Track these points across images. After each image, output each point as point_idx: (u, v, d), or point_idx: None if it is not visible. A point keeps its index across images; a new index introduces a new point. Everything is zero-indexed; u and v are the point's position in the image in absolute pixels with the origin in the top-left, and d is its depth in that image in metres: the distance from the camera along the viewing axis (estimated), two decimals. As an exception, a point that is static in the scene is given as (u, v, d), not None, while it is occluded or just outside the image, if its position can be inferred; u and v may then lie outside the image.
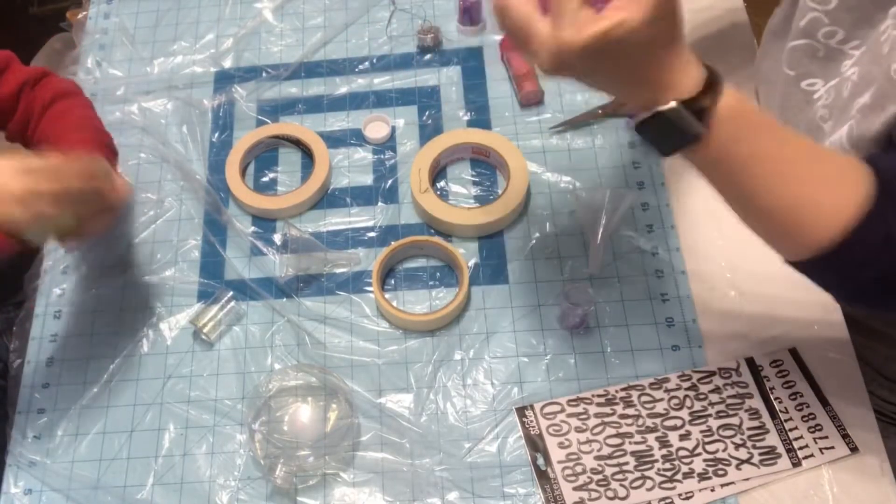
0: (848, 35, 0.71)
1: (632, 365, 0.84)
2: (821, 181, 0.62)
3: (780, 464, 0.78)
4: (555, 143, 0.98)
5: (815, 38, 0.74)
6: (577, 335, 0.86)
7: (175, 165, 0.99)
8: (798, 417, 0.80)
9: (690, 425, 0.81)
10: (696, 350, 0.85)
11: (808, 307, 0.86)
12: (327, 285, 0.91)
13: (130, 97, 1.04)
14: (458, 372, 0.85)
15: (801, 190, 0.62)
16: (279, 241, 0.93)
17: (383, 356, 0.86)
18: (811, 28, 0.73)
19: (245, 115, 1.03)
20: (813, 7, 0.72)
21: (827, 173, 0.62)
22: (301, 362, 0.86)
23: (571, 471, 0.79)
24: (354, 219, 0.95)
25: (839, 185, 0.62)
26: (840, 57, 0.73)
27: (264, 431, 0.81)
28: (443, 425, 0.82)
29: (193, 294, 0.91)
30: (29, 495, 0.81)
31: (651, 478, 0.78)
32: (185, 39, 1.09)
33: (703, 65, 0.59)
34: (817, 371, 0.83)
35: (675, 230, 0.91)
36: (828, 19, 0.71)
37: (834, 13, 0.71)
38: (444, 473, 0.80)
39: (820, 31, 0.73)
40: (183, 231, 0.95)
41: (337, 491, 0.80)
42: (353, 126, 1.01)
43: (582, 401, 0.82)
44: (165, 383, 0.86)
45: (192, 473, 0.81)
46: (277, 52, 1.07)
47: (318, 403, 0.83)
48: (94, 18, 1.12)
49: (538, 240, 0.92)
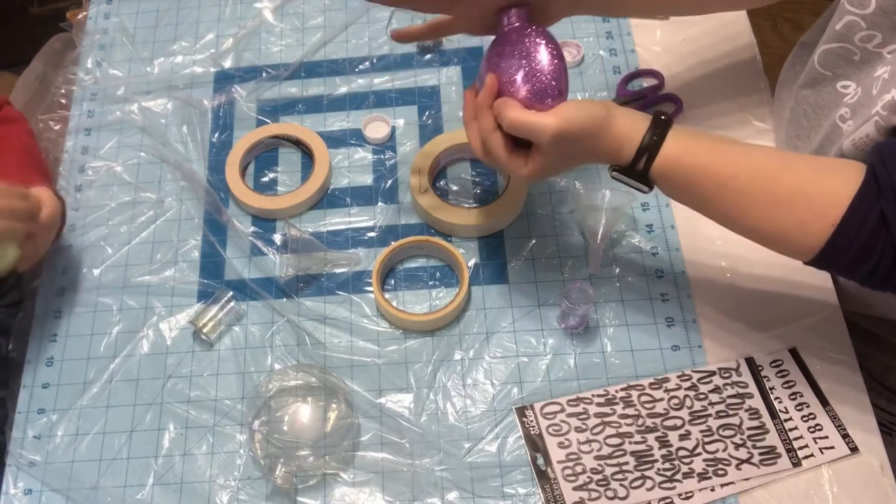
0: (886, 39, 0.71)
1: (632, 365, 0.84)
2: (787, 200, 0.66)
3: (780, 464, 0.78)
4: (555, 143, 0.98)
5: (852, 41, 0.74)
6: (577, 335, 0.86)
7: (175, 165, 0.99)
8: (798, 417, 0.80)
9: (690, 425, 0.81)
10: (696, 350, 0.85)
11: (808, 307, 0.86)
12: (327, 285, 0.91)
13: (130, 97, 1.04)
14: (458, 372, 0.85)
15: (767, 213, 0.67)
16: (279, 241, 0.93)
17: (383, 356, 0.86)
18: (847, 32, 0.74)
19: (245, 115, 1.03)
20: (850, 10, 0.72)
21: (795, 188, 0.66)
22: (301, 362, 0.86)
23: (571, 471, 0.79)
24: (354, 219, 0.95)
25: (816, 193, 0.65)
26: (877, 60, 0.73)
27: (264, 431, 0.81)
28: (443, 425, 0.82)
29: (193, 294, 0.91)
30: (29, 495, 0.81)
31: (651, 478, 0.78)
32: (185, 39, 1.09)
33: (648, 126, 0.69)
34: (817, 371, 0.83)
35: (675, 230, 0.91)
36: (865, 23, 0.71)
37: (871, 17, 0.71)
38: (444, 473, 0.80)
39: (857, 35, 0.73)
40: (183, 231, 0.95)
41: (337, 491, 0.80)
42: (353, 126, 1.01)
43: (582, 401, 0.82)
44: (165, 383, 0.86)
45: (192, 473, 0.81)
46: (277, 52, 1.07)
47: (318, 403, 0.83)
48: (94, 18, 1.12)
49: (538, 240, 0.91)
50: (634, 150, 0.69)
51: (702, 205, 0.72)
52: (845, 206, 0.64)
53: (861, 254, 0.64)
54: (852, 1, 0.72)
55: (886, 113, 0.68)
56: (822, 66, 0.79)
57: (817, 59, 0.79)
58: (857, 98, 0.75)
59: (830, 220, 0.64)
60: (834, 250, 0.65)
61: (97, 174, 0.99)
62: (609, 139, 0.69)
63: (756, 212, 0.68)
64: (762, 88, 1.00)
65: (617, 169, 0.72)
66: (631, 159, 0.70)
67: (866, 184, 0.64)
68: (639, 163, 0.69)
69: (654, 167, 0.69)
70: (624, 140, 0.69)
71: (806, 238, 0.66)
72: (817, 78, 0.80)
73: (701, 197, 0.70)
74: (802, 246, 0.67)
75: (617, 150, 0.70)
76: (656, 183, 0.71)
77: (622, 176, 0.72)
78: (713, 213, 0.71)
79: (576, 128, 0.68)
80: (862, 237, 0.64)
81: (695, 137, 0.70)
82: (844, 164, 0.67)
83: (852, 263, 0.65)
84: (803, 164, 0.69)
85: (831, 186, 0.65)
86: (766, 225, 0.68)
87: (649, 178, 0.70)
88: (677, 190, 0.72)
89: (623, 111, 0.71)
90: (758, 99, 0.99)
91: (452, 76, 1.04)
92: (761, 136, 0.96)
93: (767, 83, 1.00)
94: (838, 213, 0.64)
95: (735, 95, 0.99)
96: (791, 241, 0.68)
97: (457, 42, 1.06)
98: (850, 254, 0.65)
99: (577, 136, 0.69)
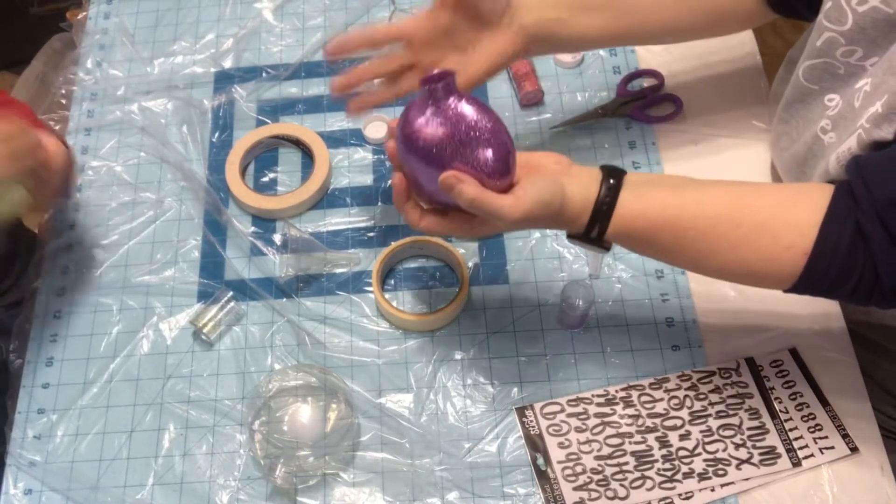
0: (867, 52, 0.70)
1: (632, 365, 0.84)
2: (751, 240, 0.65)
3: (780, 464, 0.78)
4: (555, 143, 0.98)
5: (834, 56, 0.73)
6: (577, 335, 0.86)
7: (175, 165, 0.99)
8: (798, 417, 0.80)
9: (690, 425, 0.81)
10: (696, 350, 0.85)
11: (808, 307, 0.86)
12: (327, 285, 0.91)
13: (130, 97, 1.04)
14: (458, 372, 0.85)
15: (732, 255, 0.66)
16: (279, 241, 0.93)
17: (383, 356, 0.86)
18: (828, 48, 0.73)
19: (245, 115, 1.03)
20: (829, 27, 0.71)
21: (756, 226, 0.65)
22: (301, 362, 0.86)
23: (571, 471, 0.79)
24: (354, 219, 0.95)
25: (780, 227, 0.65)
26: (861, 73, 0.72)
27: (264, 431, 0.81)
28: (443, 425, 0.82)
29: (193, 294, 0.91)
30: (29, 495, 0.81)
31: (651, 478, 0.78)
32: (185, 39, 1.09)
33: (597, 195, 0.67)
34: (817, 371, 0.83)
35: (675, 230, 0.91)
36: (844, 40, 0.71)
37: (849, 34, 0.70)
38: (444, 473, 0.80)
39: (837, 51, 0.72)
40: (183, 231, 0.95)
41: (337, 491, 0.80)
42: (353, 126, 1.01)
43: (582, 401, 0.82)
44: (165, 383, 0.86)
45: (192, 473, 0.81)
46: (277, 52, 1.07)
47: (318, 403, 0.83)
48: (94, 18, 1.12)
49: (538, 240, 0.92)
50: (585, 223, 0.68)
51: (666, 257, 0.71)
52: (814, 234, 0.63)
53: (841, 275, 0.64)
54: (830, 17, 0.71)
55: (870, 126, 0.67)
56: (808, 80, 0.78)
57: (802, 73, 0.78)
58: (838, 110, 0.74)
59: (801, 249, 0.64)
60: (811, 278, 0.65)
61: (97, 174, 0.99)
62: (567, 213, 0.68)
63: (720, 255, 0.67)
64: (762, 88, 1.00)
65: (573, 235, 0.70)
66: (584, 231, 0.68)
67: (834, 204, 0.63)
68: (592, 231, 0.68)
69: (609, 233, 0.68)
70: (579, 213, 0.68)
71: (779, 271, 0.66)
72: (805, 92, 0.79)
73: (663, 251, 0.69)
74: (776, 279, 0.67)
75: (571, 222, 0.68)
76: (616, 243, 0.70)
77: (579, 242, 0.70)
78: (679, 263, 0.72)
79: (537, 211, 0.66)
80: (839, 259, 0.63)
81: (646, 192, 0.68)
82: (807, 189, 0.66)
83: (833, 286, 0.65)
84: (762, 199, 0.67)
85: (795, 216, 0.64)
86: (734, 266, 0.67)
87: (605, 243, 0.69)
88: (637, 248, 0.71)
89: (575, 174, 0.68)
90: (758, 99, 0.99)
91: (452, 76, 1.03)
92: (761, 136, 0.96)
93: (767, 83, 1.00)
94: (807, 242, 0.63)
95: (735, 95, 0.99)
96: (763, 276, 0.67)
97: (457, 42, 1.06)
98: (829, 277, 0.64)
99: (538, 217, 0.66)
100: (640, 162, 0.95)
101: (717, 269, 0.69)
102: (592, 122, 0.99)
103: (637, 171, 0.94)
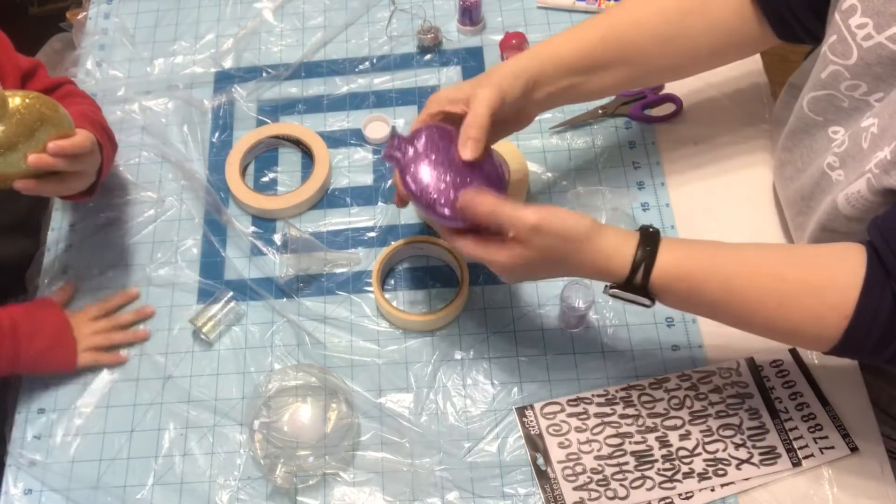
0: (871, 88, 0.70)
1: (632, 365, 0.84)
2: (796, 296, 0.66)
3: (780, 464, 0.78)
4: (555, 143, 0.98)
5: (838, 89, 0.73)
6: (577, 335, 0.86)
7: (175, 165, 0.99)
8: (798, 417, 0.80)
9: (690, 425, 0.81)
10: (696, 350, 0.85)
11: (808, 307, 0.86)
12: (327, 285, 0.91)
13: (131, 97, 1.04)
14: (458, 372, 0.85)
15: (778, 312, 0.67)
16: (279, 241, 0.93)
17: (383, 356, 0.86)
18: (832, 81, 0.73)
19: (245, 115, 1.03)
20: (834, 60, 0.71)
21: (801, 282, 0.66)
22: (301, 362, 0.86)
23: (571, 471, 0.79)
24: (354, 219, 0.95)
25: (823, 286, 0.65)
26: (865, 108, 0.72)
27: (264, 431, 0.81)
28: (443, 425, 0.82)
29: (193, 294, 0.91)
30: (29, 495, 0.81)
31: (651, 478, 0.78)
32: (185, 39, 1.09)
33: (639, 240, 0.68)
34: (817, 371, 0.83)
35: (675, 230, 0.91)
36: (848, 73, 0.71)
37: (854, 68, 0.70)
38: (444, 473, 0.80)
39: (842, 84, 0.72)
40: (183, 231, 0.95)
41: (337, 491, 0.80)
42: (353, 126, 1.01)
43: (582, 401, 0.82)
44: (165, 383, 0.86)
45: (192, 473, 0.81)
46: (277, 52, 1.07)
47: (318, 403, 0.83)
48: (94, 18, 1.12)
49: (538, 240, 0.91)
50: (627, 264, 0.68)
51: (711, 310, 0.71)
52: (856, 297, 0.63)
53: (882, 339, 0.64)
54: (835, 51, 0.71)
55: (879, 171, 0.67)
56: (812, 111, 0.78)
57: (806, 104, 0.78)
58: (844, 147, 0.74)
59: (844, 312, 0.64)
60: (853, 340, 0.65)
61: (97, 174, 0.99)
62: (594, 251, 0.68)
63: (767, 311, 0.67)
64: (762, 88, 1.00)
65: (614, 286, 0.70)
66: (626, 274, 0.68)
67: (871, 268, 0.64)
68: (636, 276, 0.68)
69: (653, 279, 0.68)
70: (612, 254, 0.68)
71: (822, 331, 0.66)
72: (809, 123, 0.79)
73: (709, 303, 0.69)
74: (819, 339, 0.67)
75: (605, 263, 0.68)
76: (657, 296, 0.69)
77: (621, 292, 0.69)
78: (725, 317, 0.70)
79: (555, 226, 0.67)
80: (880, 324, 0.63)
81: (688, 245, 0.69)
82: (844, 250, 0.67)
83: (875, 349, 0.65)
84: (802, 257, 0.68)
85: (837, 277, 0.65)
86: (781, 323, 0.67)
87: (649, 292, 0.69)
88: (681, 300, 0.70)
89: (611, 228, 0.69)
90: (758, 99, 0.99)
91: (453, 76, 1.03)
92: (761, 136, 0.96)
93: (767, 83, 1.00)
94: (850, 304, 0.64)
95: (735, 95, 0.99)
96: (807, 335, 0.67)
97: (457, 42, 1.06)
98: (871, 341, 0.64)
99: (557, 234, 0.67)
100: (640, 162, 0.95)
101: (763, 325, 0.69)
102: (592, 121, 0.99)
103: (637, 170, 0.94)
